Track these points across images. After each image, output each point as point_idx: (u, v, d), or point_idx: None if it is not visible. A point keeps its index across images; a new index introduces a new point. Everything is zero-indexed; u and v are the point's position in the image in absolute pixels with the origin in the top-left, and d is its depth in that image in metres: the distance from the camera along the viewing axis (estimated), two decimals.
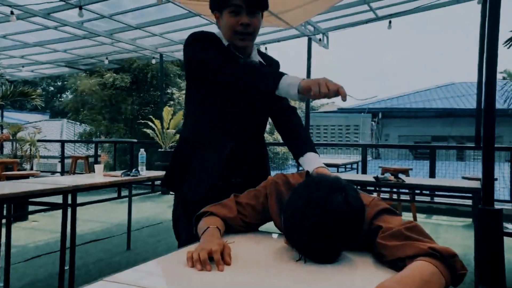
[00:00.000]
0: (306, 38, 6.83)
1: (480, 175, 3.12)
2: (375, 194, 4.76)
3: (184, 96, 11.21)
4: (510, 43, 5.63)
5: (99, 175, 3.07)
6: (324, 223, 0.87)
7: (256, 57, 1.44)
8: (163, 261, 0.94)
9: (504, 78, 6.39)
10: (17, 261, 3.23)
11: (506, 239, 2.90)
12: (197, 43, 1.35)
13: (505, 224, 2.99)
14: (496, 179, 4.46)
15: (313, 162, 1.34)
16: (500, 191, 5.71)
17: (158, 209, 5.70)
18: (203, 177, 1.37)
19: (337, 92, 1.07)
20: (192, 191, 1.38)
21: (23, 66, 9.01)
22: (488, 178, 2.99)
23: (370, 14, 6.00)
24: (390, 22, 5.95)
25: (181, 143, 1.48)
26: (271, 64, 1.52)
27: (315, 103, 26.77)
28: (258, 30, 1.36)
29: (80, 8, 5.21)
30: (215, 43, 1.36)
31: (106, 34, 6.61)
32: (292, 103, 1.58)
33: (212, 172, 1.36)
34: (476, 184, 2.89)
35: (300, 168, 1.46)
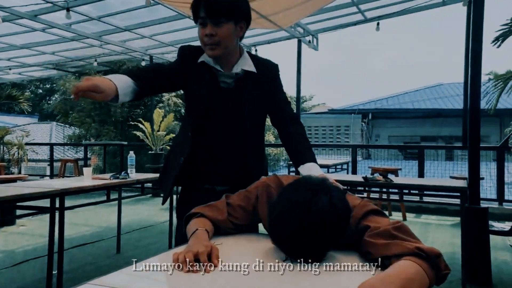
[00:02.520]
0: (296, 40, 6.87)
1: (467, 174, 3.17)
2: (364, 194, 4.80)
3: (174, 97, 11.14)
4: (499, 42, 5.71)
5: (88, 178, 3.04)
6: (309, 224, 0.88)
7: (238, 68, 1.42)
8: (150, 263, 0.93)
9: (490, 79, 6.51)
10: (5, 266, 3.18)
11: (492, 237, 2.95)
12: (177, 59, 1.47)
13: (491, 222, 3.05)
14: (483, 178, 4.53)
15: (312, 171, 1.37)
16: (487, 190, 5.80)
17: (149, 211, 5.67)
18: (165, 183, 1.54)
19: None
20: (163, 193, 1.57)
21: (10, 69, 8.88)
22: (474, 177, 3.04)
23: (359, 16, 6.06)
24: (378, 24, 6.02)
25: (170, 148, 1.68)
26: (267, 69, 1.51)
27: (306, 104, 26.91)
28: (228, 39, 1.35)
29: (68, 10, 5.16)
30: (188, 61, 1.43)
31: (95, 36, 6.56)
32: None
33: (169, 180, 1.50)
34: (463, 184, 2.94)
35: (292, 169, 1.50)
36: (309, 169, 1.39)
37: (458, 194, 2.91)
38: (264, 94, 1.48)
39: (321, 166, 1.49)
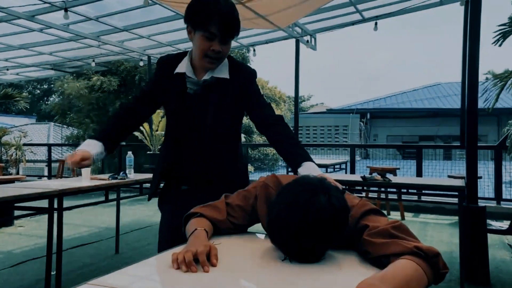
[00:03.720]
0: (294, 40, 6.86)
1: (465, 174, 3.18)
2: (363, 194, 4.82)
3: None
4: (500, 41, 5.70)
5: (86, 179, 3.04)
6: (307, 224, 0.88)
7: (209, 75, 1.45)
8: (149, 263, 0.94)
9: (487, 79, 6.52)
10: (3, 267, 3.18)
11: (490, 236, 2.96)
12: (155, 72, 1.60)
13: (489, 221, 3.05)
14: (480, 177, 4.54)
15: (310, 171, 1.34)
16: (485, 189, 5.81)
17: (147, 212, 5.66)
18: (153, 181, 1.69)
19: None
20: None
21: (7, 69, 8.85)
22: (472, 176, 3.05)
23: (357, 15, 6.07)
24: (376, 23, 6.02)
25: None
26: (243, 74, 1.50)
27: (305, 104, 26.92)
28: (227, 55, 1.44)
29: (66, 10, 5.15)
30: (164, 72, 1.51)
31: (93, 36, 6.54)
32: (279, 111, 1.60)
33: (154, 180, 1.66)
34: (461, 183, 2.95)
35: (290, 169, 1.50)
36: (307, 169, 1.37)
37: (456, 193, 2.92)
38: (235, 99, 1.49)
39: (320, 166, 1.47)
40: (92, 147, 1.45)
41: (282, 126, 1.50)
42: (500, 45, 5.66)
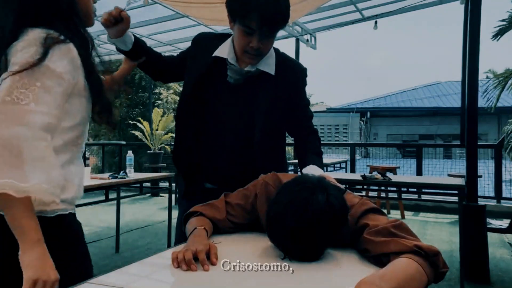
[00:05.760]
0: (294, 39, 6.86)
1: (465, 172, 3.18)
2: (363, 193, 4.83)
3: (172, 94, 11.03)
4: (498, 37, 5.71)
5: (86, 178, 3.04)
6: (305, 223, 0.88)
7: (254, 67, 1.32)
8: (149, 262, 0.94)
9: (488, 77, 6.53)
10: None
11: (490, 235, 2.96)
12: (188, 48, 1.46)
13: (489, 220, 3.06)
14: (480, 176, 4.55)
15: (312, 172, 1.31)
16: (485, 187, 5.82)
17: (147, 211, 5.66)
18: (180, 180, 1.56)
19: None
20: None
21: None
22: (472, 175, 3.05)
23: (357, 14, 6.07)
24: (376, 22, 6.02)
25: None
26: (291, 71, 1.39)
27: None
28: (270, 49, 1.33)
29: None
30: (198, 51, 1.39)
31: (92, 35, 6.53)
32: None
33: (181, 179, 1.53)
34: (461, 181, 2.95)
35: (290, 167, 1.49)
36: (310, 169, 1.35)
37: (456, 192, 2.92)
38: (281, 97, 1.35)
39: None
40: (129, 35, 1.54)
41: (316, 136, 1.46)
42: (497, 40, 5.68)
